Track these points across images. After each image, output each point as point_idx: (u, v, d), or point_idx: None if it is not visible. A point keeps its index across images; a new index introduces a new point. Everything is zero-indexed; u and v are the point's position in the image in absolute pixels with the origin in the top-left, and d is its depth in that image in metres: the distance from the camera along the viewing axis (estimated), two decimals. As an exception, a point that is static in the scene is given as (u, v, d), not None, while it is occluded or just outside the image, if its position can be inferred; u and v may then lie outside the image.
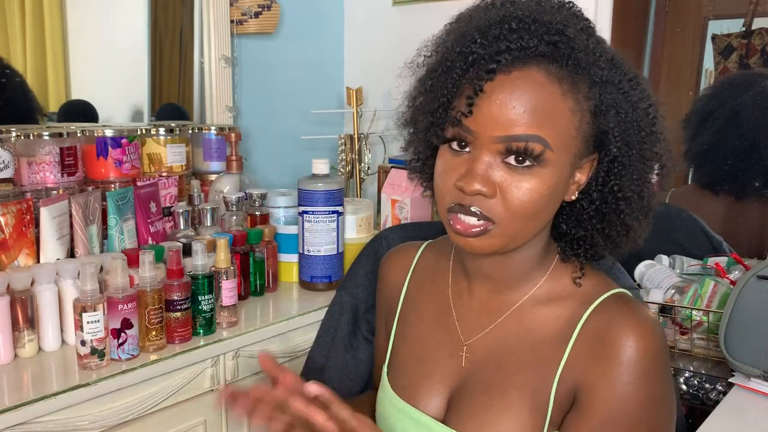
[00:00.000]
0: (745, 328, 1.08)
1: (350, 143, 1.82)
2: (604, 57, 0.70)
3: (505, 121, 0.66)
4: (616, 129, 0.70)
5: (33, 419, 0.91)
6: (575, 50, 0.67)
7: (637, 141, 0.71)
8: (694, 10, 1.70)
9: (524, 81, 0.66)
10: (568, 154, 0.68)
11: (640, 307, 0.73)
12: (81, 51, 1.48)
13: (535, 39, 0.66)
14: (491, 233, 0.69)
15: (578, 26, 0.70)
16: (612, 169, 0.72)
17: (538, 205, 0.68)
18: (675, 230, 1.58)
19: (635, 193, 0.73)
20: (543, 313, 0.76)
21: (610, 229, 0.74)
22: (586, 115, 0.69)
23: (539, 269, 0.77)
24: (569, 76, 0.67)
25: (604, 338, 0.70)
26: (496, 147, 0.67)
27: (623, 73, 0.71)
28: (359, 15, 2.06)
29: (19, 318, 1.03)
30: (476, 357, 0.78)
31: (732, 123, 1.55)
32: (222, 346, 1.14)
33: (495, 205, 0.68)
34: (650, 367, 0.69)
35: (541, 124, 0.66)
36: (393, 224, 1.46)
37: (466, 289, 0.82)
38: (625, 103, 0.70)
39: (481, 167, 0.67)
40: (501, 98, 0.66)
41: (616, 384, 0.68)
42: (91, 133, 1.32)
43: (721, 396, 1.11)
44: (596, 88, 0.69)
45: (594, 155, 0.72)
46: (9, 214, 1.08)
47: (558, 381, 0.72)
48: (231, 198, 1.37)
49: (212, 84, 1.68)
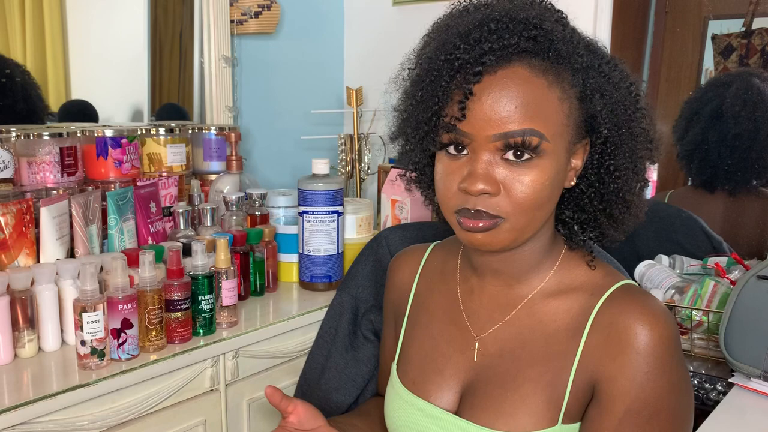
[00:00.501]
0: (745, 328, 1.09)
1: (350, 143, 1.82)
2: (582, 44, 0.73)
3: (498, 119, 0.68)
4: (603, 111, 0.72)
5: (33, 419, 0.91)
6: (554, 42, 0.69)
7: (624, 119, 0.73)
8: (694, 10, 1.70)
9: (510, 78, 0.68)
10: (562, 142, 0.70)
11: (649, 297, 0.74)
12: (81, 51, 1.48)
13: (515, 36, 0.68)
14: (501, 229, 0.70)
15: (553, 18, 0.72)
16: (605, 150, 0.74)
17: (542, 196, 0.70)
18: (675, 230, 1.58)
19: (629, 169, 0.75)
20: (554, 305, 0.77)
21: (612, 208, 0.77)
22: (573, 102, 0.71)
23: (547, 261, 0.79)
24: (552, 67, 0.69)
25: (618, 329, 0.71)
26: (493, 145, 0.68)
27: (601, 56, 0.74)
28: (359, 15, 2.06)
29: (19, 318, 1.03)
30: (489, 351, 0.79)
31: (720, 115, 1.56)
32: (222, 346, 1.14)
33: (500, 202, 0.69)
34: (666, 355, 0.70)
35: (533, 116, 0.68)
36: (393, 224, 1.46)
37: (476, 285, 0.83)
38: (608, 85, 0.72)
39: (482, 167, 0.69)
40: (491, 98, 0.68)
41: (635, 374, 0.70)
42: (91, 133, 1.32)
43: (721, 396, 1.11)
44: (579, 75, 0.71)
45: (586, 140, 0.75)
46: (9, 214, 1.08)
47: (575, 373, 0.73)
48: (231, 198, 1.37)
49: (212, 84, 1.68)
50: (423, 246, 0.95)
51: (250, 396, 1.21)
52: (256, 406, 1.22)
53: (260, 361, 1.22)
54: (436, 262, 0.91)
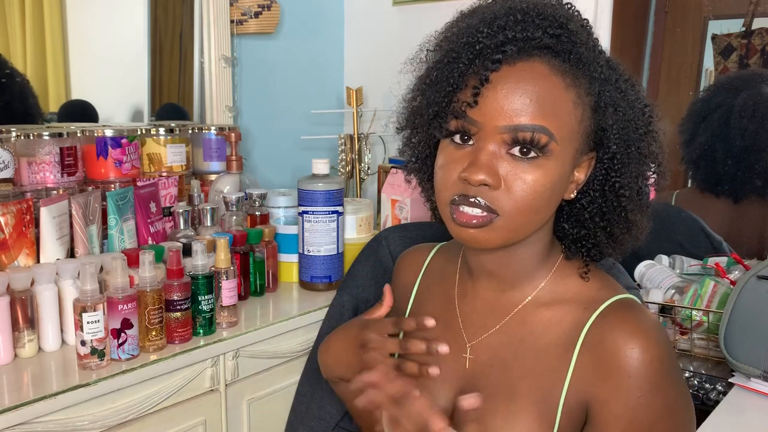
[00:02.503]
0: (745, 329, 1.09)
1: (350, 143, 1.82)
2: (603, 56, 0.72)
3: (510, 111, 0.66)
4: (614, 126, 0.71)
5: (33, 419, 0.91)
6: (577, 45, 0.68)
7: (635, 139, 0.72)
8: (694, 10, 1.70)
9: (529, 72, 0.67)
10: (570, 148, 0.69)
11: (643, 314, 0.72)
12: (81, 51, 1.48)
13: (540, 30, 0.67)
14: (495, 226, 0.68)
15: (579, 23, 0.72)
16: (612, 166, 0.72)
17: (541, 198, 0.68)
18: (675, 230, 1.58)
19: (634, 189, 0.74)
20: (547, 316, 0.75)
21: (613, 226, 0.75)
22: (587, 110, 0.70)
23: (542, 269, 0.77)
24: (571, 70, 0.68)
25: (608, 350, 0.69)
26: (501, 137, 0.67)
27: (619, 73, 0.73)
28: (359, 15, 2.06)
29: (19, 318, 1.03)
30: (480, 359, 0.78)
31: (728, 124, 1.55)
32: (222, 346, 1.14)
33: (499, 197, 0.67)
34: (658, 377, 0.68)
35: (546, 115, 0.66)
36: (393, 224, 1.46)
37: (470, 289, 0.82)
38: (622, 102, 0.71)
39: (486, 158, 0.67)
40: (506, 88, 0.66)
41: (628, 398, 0.68)
42: (91, 133, 1.32)
43: (721, 396, 1.11)
44: (596, 85, 0.70)
45: (592, 153, 0.73)
46: (9, 214, 1.08)
47: (566, 392, 0.71)
48: (231, 198, 1.37)
49: (212, 84, 1.68)
50: (429, 246, 0.94)
51: (250, 396, 1.21)
52: (256, 406, 1.22)
53: (260, 361, 1.22)
54: (438, 264, 0.91)
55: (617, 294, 0.74)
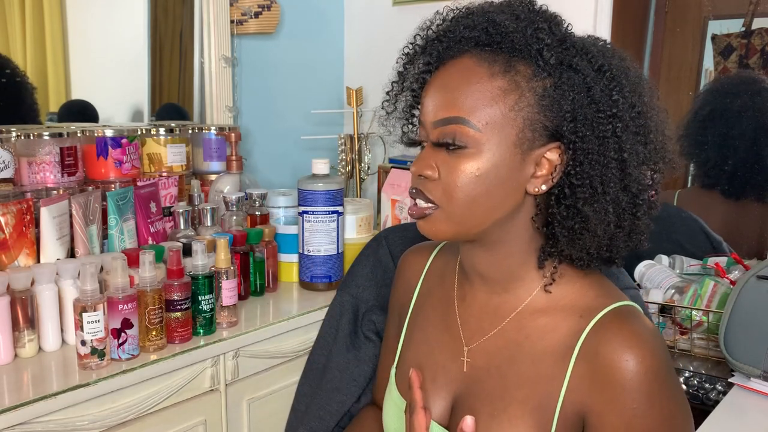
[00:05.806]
0: (745, 328, 1.09)
1: (350, 143, 1.82)
2: (564, 44, 0.69)
3: (433, 107, 0.71)
4: (572, 114, 0.67)
5: (33, 419, 0.91)
6: (508, 33, 0.68)
7: (608, 131, 0.67)
8: (694, 10, 1.70)
9: (455, 68, 0.70)
10: (502, 135, 0.67)
11: (639, 323, 0.70)
12: (81, 51, 1.48)
13: (461, 26, 0.70)
14: (434, 217, 0.71)
15: (515, 14, 0.69)
16: (576, 158, 0.68)
17: (473, 188, 0.68)
18: (675, 230, 1.58)
19: (599, 186, 0.68)
20: (543, 322, 0.74)
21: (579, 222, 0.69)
22: (527, 95, 0.67)
23: (533, 270, 0.75)
24: (504, 58, 0.68)
25: (603, 361, 0.68)
26: (435, 133, 0.71)
27: (595, 62, 0.68)
28: (359, 15, 2.06)
29: (19, 318, 1.03)
30: (478, 363, 0.78)
31: (731, 124, 1.55)
32: (222, 346, 1.14)
33: (435, 188, 0.71)
34: (654, 388, 0.67)
35: (464, 105, 0.68)
36: (393, 224, 1.46)
37: (468, 291, 0.82)
38: (585, 92, 0.67)
39: (426, 153, 0.72)
40: (435, 87, 0.71)
41: (623, 410, 0.67)
42: (91, 133, 1.32)
43: (721, 396, 1.11)
44: (544, 72, 0.67)
45: (555, 144, 0.69)
46: (9, 214, 1.08)
47: (562, 401, 0.70)
48: (231, 198, 1.37)
49: (212, 84, 1.68)
50: (431, 246, 0.94)
51: (250, 396, 1.21)
52: (256, 406, 1.22)
53: (260, 361, 1.22)
54: (439, 264, 0.90)
55: (615, 301, 0.72)
